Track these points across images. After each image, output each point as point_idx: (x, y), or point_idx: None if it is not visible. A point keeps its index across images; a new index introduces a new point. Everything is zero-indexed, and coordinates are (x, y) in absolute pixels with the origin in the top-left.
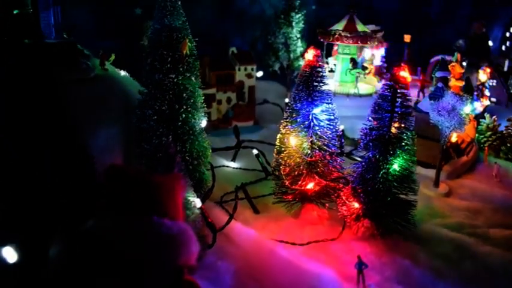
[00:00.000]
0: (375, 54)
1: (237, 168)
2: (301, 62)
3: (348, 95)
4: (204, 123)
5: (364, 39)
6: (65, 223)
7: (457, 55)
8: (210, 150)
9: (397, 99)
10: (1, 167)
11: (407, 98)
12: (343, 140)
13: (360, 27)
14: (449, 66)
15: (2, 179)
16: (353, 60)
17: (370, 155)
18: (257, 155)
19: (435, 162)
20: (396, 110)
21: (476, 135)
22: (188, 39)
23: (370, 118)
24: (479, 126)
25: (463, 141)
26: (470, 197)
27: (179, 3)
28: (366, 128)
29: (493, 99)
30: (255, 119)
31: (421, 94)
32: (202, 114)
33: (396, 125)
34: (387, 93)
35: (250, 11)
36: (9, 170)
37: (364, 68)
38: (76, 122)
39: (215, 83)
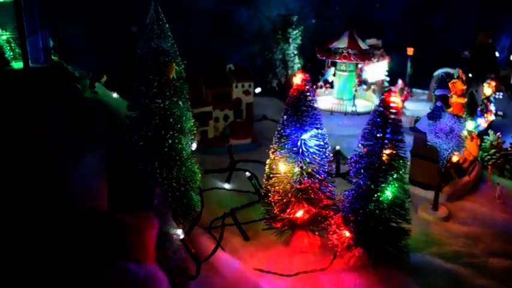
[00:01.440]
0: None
1: (230, 190)
2: None
3: (345, 113)
4: (194, 146)
5: (368, 56)
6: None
7: (459, 71)
8: (200, 175)
9: (388, 126)
10: None
11: (399, 124)
12: (339, 160)
13: (361, 43)
14: (449, 83)
15: None
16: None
17: (361, 183)
18: (250, 177)
19: (435, 183)
20: (387, 136)
21: (480, 152)
22: (176, 62)
23: (359, 145)
24: (483, 144)
25: (465, 160)
26: (471, 221)
27: (167, 25)
28: (355, 155)
29: (500, 113)
30: (253, 137)
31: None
32: (191, 138)
33: (387, 152)
34: (378, 120)
35: (249, 26)
36: None
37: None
38: (59, 146)
39: (212, 100)
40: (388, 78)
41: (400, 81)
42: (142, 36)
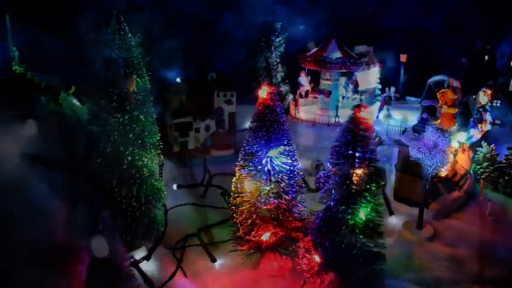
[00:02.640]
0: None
1: (204, 206)
2: (282, 88)
3: (328, 125)
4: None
5: (357, 64)
6: None
7: (449, 80)
8: (165, 192)
9: (359, 144)
10: None
11: (370, 142)
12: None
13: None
14: (438, 93)
15: None
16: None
17: (330, 204)
18: (223, 193)
19: (420, 199)
20: (358, 155)
21: (473, 165)
22: (138, 74)
23: (328, 164)
24: (476, 156)
25: (455, 173)
26: (457, 241)
27: (129, 35)
28: (324, 175)
29: (498, 122)
30: (236, 147)
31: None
32: (155, 154)
33: (359, 171)
34: (347, 138)
35: (233, 33)
36: None
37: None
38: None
39: (192, 110)
40: (379, 86)
41: (388, 90)
42: (103, 47)
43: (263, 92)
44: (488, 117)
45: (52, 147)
